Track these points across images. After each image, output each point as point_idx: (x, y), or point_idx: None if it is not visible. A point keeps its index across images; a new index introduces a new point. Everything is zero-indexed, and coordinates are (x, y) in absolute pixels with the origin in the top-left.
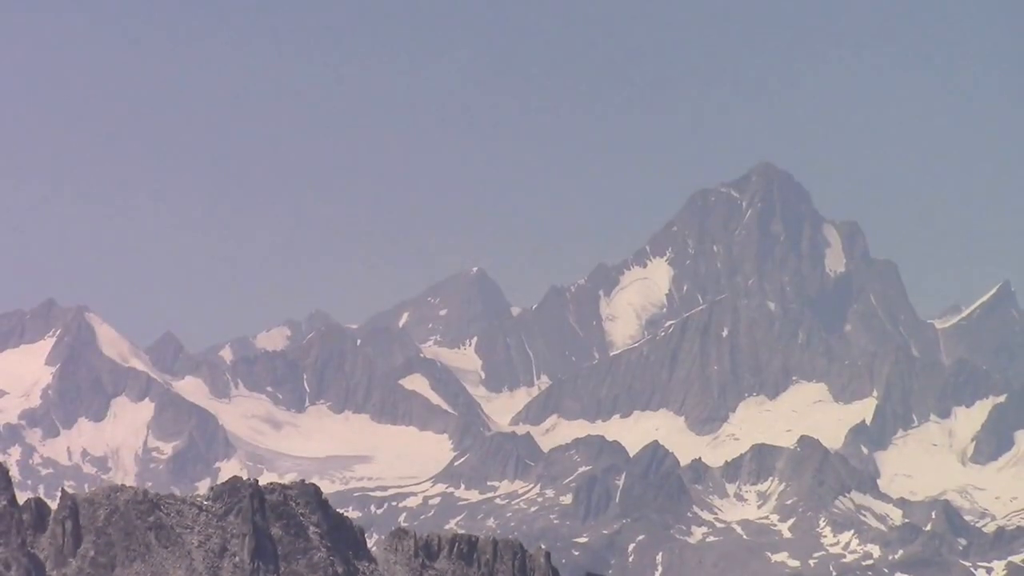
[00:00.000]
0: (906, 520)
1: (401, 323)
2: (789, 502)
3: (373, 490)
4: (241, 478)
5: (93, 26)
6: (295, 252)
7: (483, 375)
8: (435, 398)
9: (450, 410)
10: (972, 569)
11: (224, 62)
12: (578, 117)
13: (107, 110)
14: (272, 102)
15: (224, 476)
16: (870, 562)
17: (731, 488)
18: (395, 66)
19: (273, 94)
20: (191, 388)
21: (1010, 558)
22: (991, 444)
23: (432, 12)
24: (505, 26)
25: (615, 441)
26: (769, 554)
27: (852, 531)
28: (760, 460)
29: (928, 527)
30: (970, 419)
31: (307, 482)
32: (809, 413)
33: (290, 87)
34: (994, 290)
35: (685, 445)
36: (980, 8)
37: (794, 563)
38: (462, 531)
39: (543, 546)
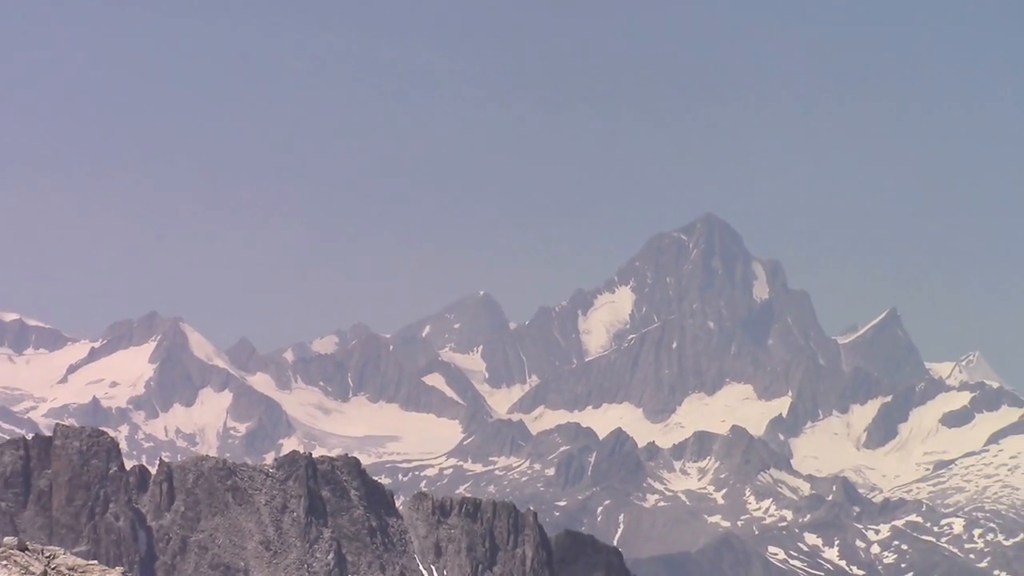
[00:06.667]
0: (813, 492)
1: (424, 333)
2: (722, 476)
3: (400, 463)
4: (299, 452)
5: (194, 57)
6: (343, 278)
7: (487, 375)
8: (449, 392)
9: (461, 401)
10: (863, 531)
11: (291, 103)
12: (563, 180)
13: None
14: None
15: (286, 450)
16: (784, 524)
17: (677, 465)
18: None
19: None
20: (261, 382)
21: (893, 522)
22: (879, 434)
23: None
24: (505, 81)
25: (588, 427)
26: (706, 516)
27: (771, 499)
28: (700, 443)
29: (830, 497)
30: (864, 414)
31: (350, 456)
32: (739, 408)
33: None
34: (884, 314)
35: (642, 431)
36: (882, 68)
37: (726, 523)
38: (469, 495)
39: (531, 508)
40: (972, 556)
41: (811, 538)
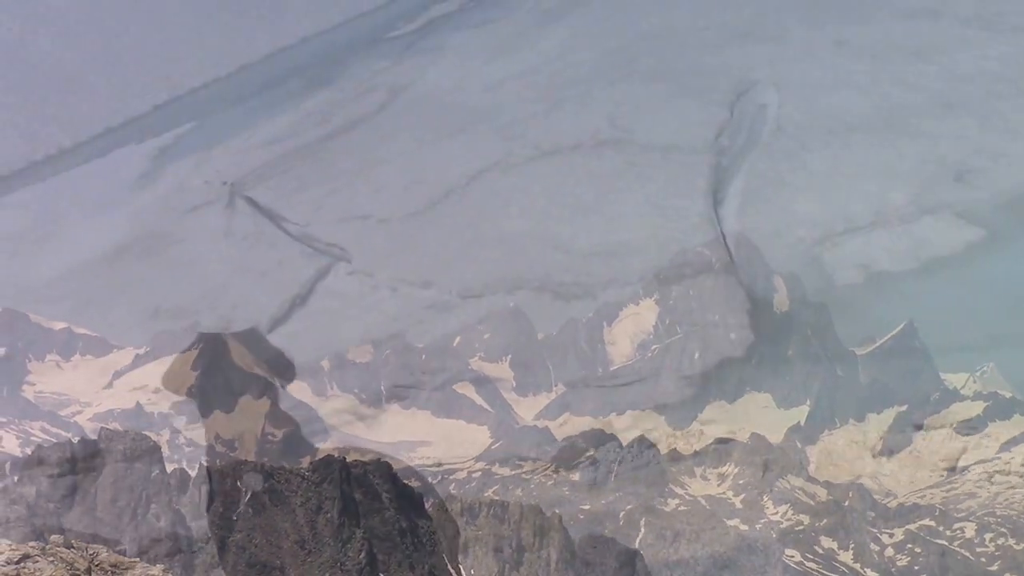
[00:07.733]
0: (829, 497)
1: (455, 344)
2: (741, 482)
3: (431, 466)
4: (333, 456)
5: None
6: (378, 292)
7: (515, 383)
8: (479, 399)
9: (489, 409)
10: (878, 534)
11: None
12: (591, 190)
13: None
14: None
15: (321, 454)
16: (801, 527)
17: (698, 471)
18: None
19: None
20: (298, 389)
21: (907, 526)
22: (894, 442)
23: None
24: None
25: (612, 434)
26: (725, 520)
27: (788, 504)
28: (721, 450)
29: (846, 503)
30: (879, 423)
31: (382, 460)
32: (758, 416)
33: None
34: (900, 327)
35: (665, 437)
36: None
37: (744, 527)
38: (497, 498)
39: (557, 511)
40: (983, 559)
41: (827, 541)
